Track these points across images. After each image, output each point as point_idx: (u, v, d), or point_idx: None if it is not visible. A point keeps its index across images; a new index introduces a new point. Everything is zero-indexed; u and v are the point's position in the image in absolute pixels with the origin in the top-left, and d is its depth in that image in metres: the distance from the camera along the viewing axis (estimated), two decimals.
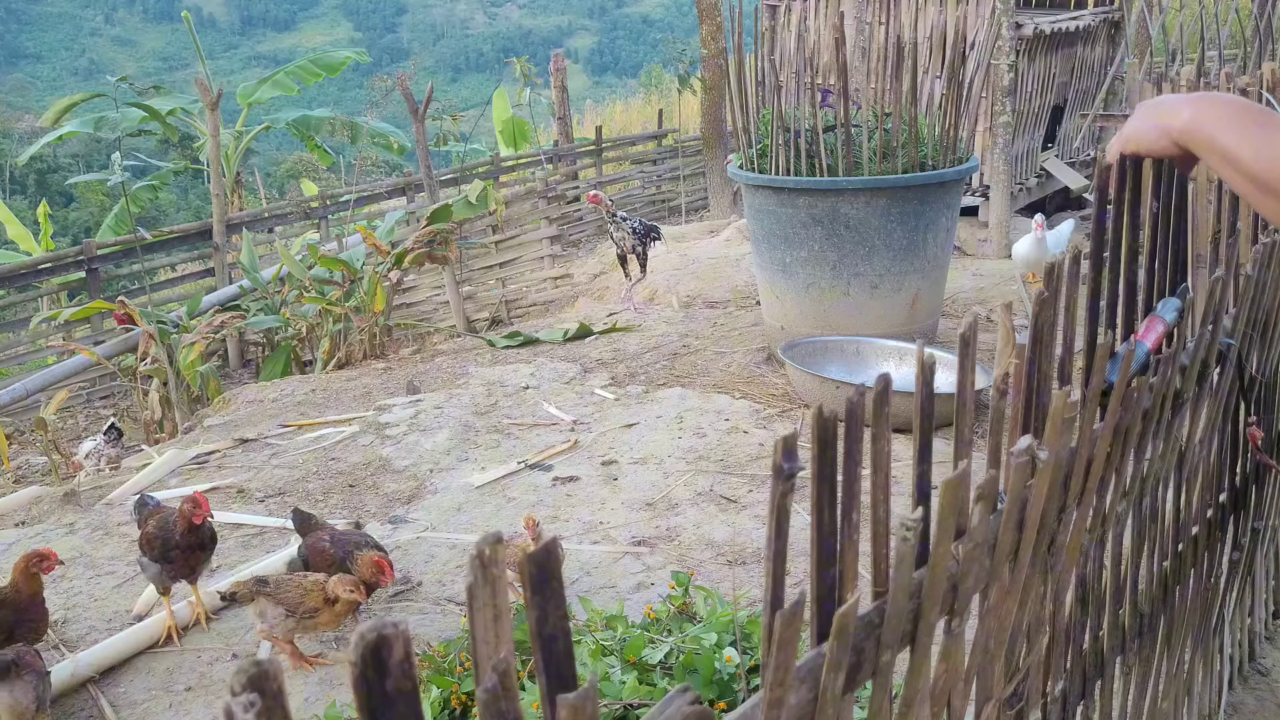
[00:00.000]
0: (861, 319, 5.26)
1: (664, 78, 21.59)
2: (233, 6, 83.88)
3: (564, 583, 0.68)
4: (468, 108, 21.13)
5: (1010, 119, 8.25)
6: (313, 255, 8.56)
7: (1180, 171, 1.56)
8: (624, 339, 6.46)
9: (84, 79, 54.17)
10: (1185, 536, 1.95)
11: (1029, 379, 1.29)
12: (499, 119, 14.67)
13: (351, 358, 7.54)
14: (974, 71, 5.49)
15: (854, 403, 0.96)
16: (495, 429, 4.87)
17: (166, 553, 2.98)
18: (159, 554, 2.99)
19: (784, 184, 5.20)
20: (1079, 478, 1.39)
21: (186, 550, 3.00)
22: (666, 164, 14.69)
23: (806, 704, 0.89)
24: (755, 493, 3.95)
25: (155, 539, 2.99)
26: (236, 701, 0.54)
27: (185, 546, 2.99)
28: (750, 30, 5.66)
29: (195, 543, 3.01)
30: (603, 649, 2.44)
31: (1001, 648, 1.29)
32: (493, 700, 0.63)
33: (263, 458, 4.69)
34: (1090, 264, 1.54)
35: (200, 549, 3.04)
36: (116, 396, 9.12)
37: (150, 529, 3.02)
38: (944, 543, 1.04)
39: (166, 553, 2.98)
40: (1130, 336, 1.58)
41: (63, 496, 4.41)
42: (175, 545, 2.98)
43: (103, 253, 10.19)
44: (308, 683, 2.82)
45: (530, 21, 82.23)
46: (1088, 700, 1.70)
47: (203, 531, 3.03)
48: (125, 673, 2.93)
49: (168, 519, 3.03)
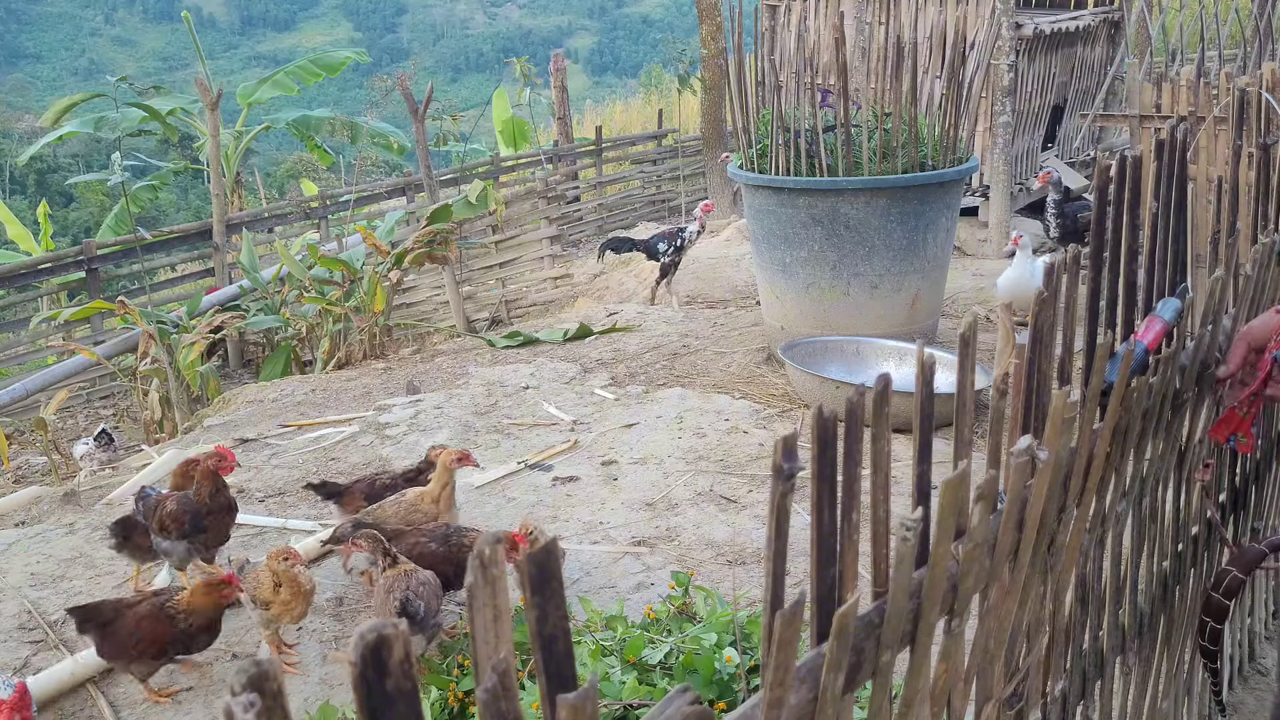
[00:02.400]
0: (861, 319, 5.26)
1: (664, 78, 21.59)
2: (233, 6, 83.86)
3: (564, 583, 0.68)
4: (468, 108, 21.13)
5: (1010, 119, 8.26)
6: (313, 255, 8.56)
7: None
8: (624, 339, 6.46)
9: (84, 79, 54.15)
10: (1185, 536, 1.95)
11: (1029, 379, 1.29)
12: (499, 119, 14.67)
13: (351, 358, 7.54)
14: (974, 71, 5.49)
15: (854, 403, 0.96)
16: (495, 429, 4.87)
17: (199, 522, 3.01)
18: (189, 528, 3.02)
19: (784, 184, 5.20)
20: (1079, 478, 1.39)
21: (218, 514, 3.04)
22: (666, 164, 14.69)
23: (806, 704, 0.89)
24: (755, 493, 3.95)
25: (182, 514, 3.01)
26: (236, 701, 0.54)
27: (216, 510, 3.03)
28: (750, 30, 5.66)
29: (225, 504, 3.06)
30: (603, 649, 2.44)
31: (1001, 648, 1.29)
32: (493, 700, 0.63)
33: (263, 458, 4.69)
34: (1090, 264, 1.54)
35: (230, 510, 3.09)
36: (116, 396, 9.12)
37: (171, 508, 3.04)
38: (944, 543, 1.04)
39: (199, 522, 3.01)
40: (1130, 336, 1.58)
41: (63, 496, 4.41)
42: (207, 512, 3.01)
43: (103, 253, 10.19)
44: (307, 683, 2.82)
45: (530, 21, 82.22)
46: (1088, 700, 1.70)
47: (228, 492, 3.09)
48: (125, 673, 2.93)
49: (185, 496, 3.06)
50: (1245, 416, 1.64)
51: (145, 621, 2.58)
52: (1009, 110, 8.19)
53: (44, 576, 3.52)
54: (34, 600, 3.34)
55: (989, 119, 8.59)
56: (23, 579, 3.50)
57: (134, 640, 2.58)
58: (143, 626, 2.58)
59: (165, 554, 3.10)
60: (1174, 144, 1.73)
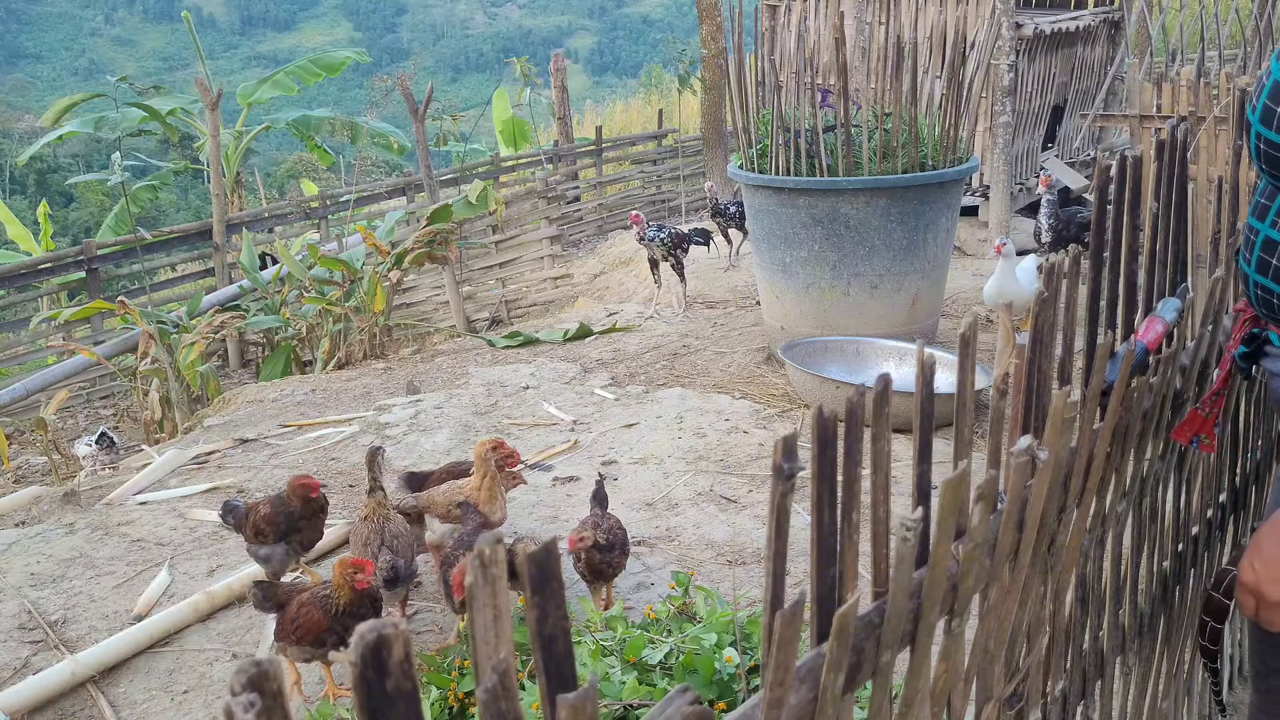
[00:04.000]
0: (861, 319, 5.26)
1: (664, 78, 21.58)
2: (233, 6, 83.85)
3: (564, 583, 0.68)
4: (468, 108, 21.14)
5: (1010, 119, 8.25)
6: (313, 255, 8.56)
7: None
8: (624, 339, 6.46)
9: (84, 79, 54.14)
10: (1185, 536, 1.95)
11: (1029, 379, 1.29)
12: (499, 119, 14.67)
13: (351, 358, 7.54)
14: (974, 71, 5.49)
15: (854, 403, 0.96)
16: (495, 429, 4.87)
17: (294, 524, 3.06)
18: (283, 530, 3.05)
19: (784, 184, 5.20)
20: (1079, 478, 1.39)
21: (311, 517, 3.11)
22: (666, 164, 14.69)
23: (806, 704, 0.89)
24: (755, 493, 3.95)
25: (277, 517, 3.05)
26: (236, 701, 0.54)
27: (309, 514, 3.10)
28: (750, 30, 5.66)
29: (317, 507, 3.13)
30: (603, 649, 2.44)
31: (1001, 648, 1.29)
32: (493, 700, 0.63)
33: (263, 458, 4.69)
34: (1090, 264, 1.55)
35: (322, 511, 3.16)
36: (116, 396, 9.12)
37: (265, 512, 3.06)
38: (944, 543, 1.04)
39: (294, 524, 3.06)
40: (1130, 336, 1.58)
41: (63, 496, 4.41)
42: (300, 515, 3.07)
43: (103, 253, 10.19)
44: (307, 683, 2.82)
45: (530, 21, 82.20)
46: (1088, 700, 1.70)
47: (319, 498, 3.15)
48: (125, 673, 2.93)
49: (280, 498, 3.11)
50: (1208, 416, 1.63)
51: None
52: (1009, 110, 8.18)
53: (44, 576, 3.52)
54: (34, 600, 3.34)
55: (989, 119, 8.58)
56: (23, 579, 3.50)
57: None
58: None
59: (264, 561, 3.10)
60: (1174, 144, 1.73)
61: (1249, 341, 1.53)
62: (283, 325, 8.25)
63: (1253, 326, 1.53)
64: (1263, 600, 1.35)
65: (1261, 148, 1.35)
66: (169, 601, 3.30)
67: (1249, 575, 1.36)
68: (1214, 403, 1.63)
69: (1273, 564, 1.33)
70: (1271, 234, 1.39)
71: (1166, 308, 1.63)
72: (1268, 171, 1.37)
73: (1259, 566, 1.35)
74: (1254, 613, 1.39)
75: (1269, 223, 1.40)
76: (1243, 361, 1.55)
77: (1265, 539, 1.36)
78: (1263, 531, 1.38)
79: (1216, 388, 1.62)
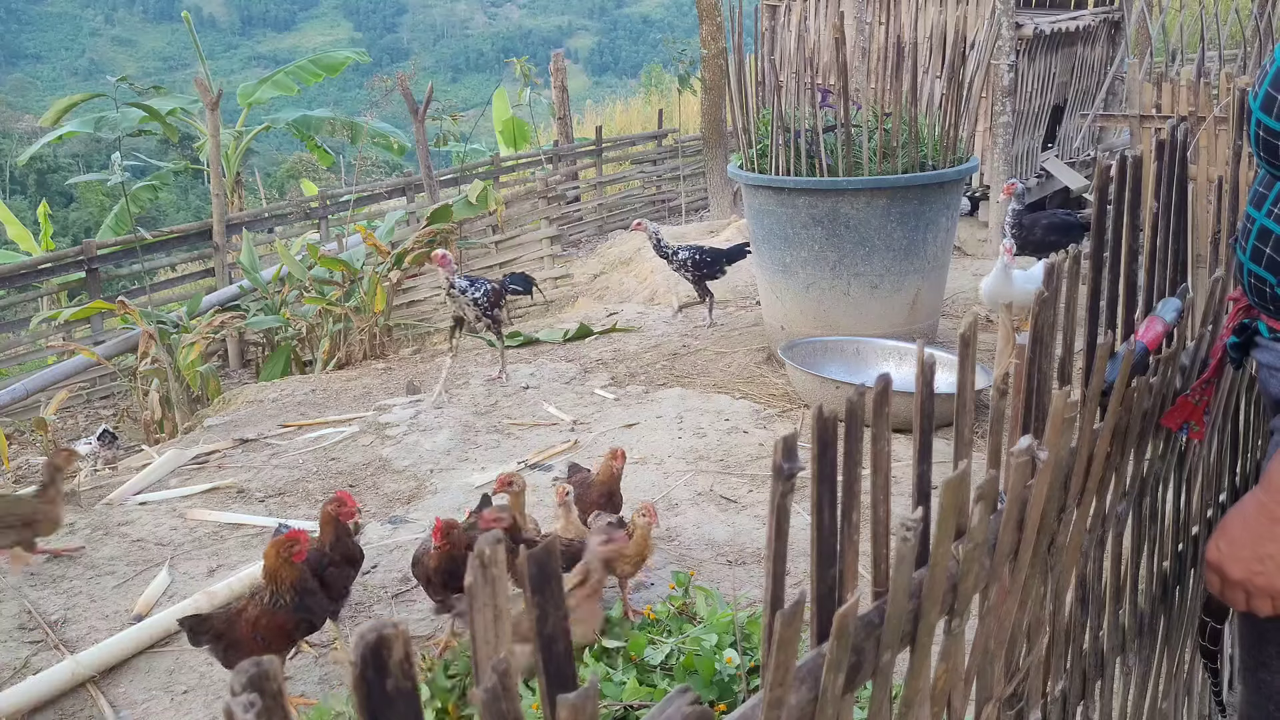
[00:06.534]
0: (861, 319, 5.26)
1: (664, 78, 21.60)
2: (233, 6, 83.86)
3: (564, 583, 0.68)
4: (468, 108, 21.15)
5: (1010, 119, 8.25)
6: (313, 255, 8.56)
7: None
8: (624, 339, 6.46)
9: (84, 79, 54.19)
10: (1185, 536, 1.95)
11: (1029, 379, 1.29)
12: (499, 119, 14.68)
13: (351, 358, 7.54)
14: (974, 71, 5.49)
15: (854, 403, 0.96)
16: (495, 429, 4.87)
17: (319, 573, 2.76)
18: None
19: (784, 184, 5.20)
20: (1079, 478, 1.39)
21: (338, 565, 2.82)
22: (666, 164, 14.70)
23: (806, 704, 0.89)
24: (755, 493, 3.95)
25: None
26: (236, 701, 0.54)
27: (335, 562, 2.82)
28: (750, 30, 5.66)
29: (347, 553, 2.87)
30: (603, 649, 2.44)
31: (1001, 648, 1.29)
32: (493, 700, 0.63)
33: (263, 458, 4.69)
34: (1090, 264, 1.55)
35: (353, 562, 2.89)
36: (116, 396, 9.12)
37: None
38: (944, 543, 1.04)
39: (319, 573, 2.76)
40: (1130, 336, 1.58)
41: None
42: (329, 563, 2.79)
43: (103, 253, 10.19)
44: (307, 682, 2.82)
45: (530, 21, 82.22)
46: (1088, 700, 1.70)
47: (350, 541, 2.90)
48: (125, 673, 2.93)
49: None
50: (1198, 404, 1.64)
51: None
52: (1009, 110, 8.18)
53: (44, 576, 3.53)
54: (34, 600, 3.35)
55: (989, 119, 8.59)
56: (23, 579, 3.50)
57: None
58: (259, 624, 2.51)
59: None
60: (1174, 144, 1.73)
61: (1240, 331, 1.53)
62: (283, 325, 8.25)
63: (1244, 316, 1.52)
64: (1225, 578, 1.39)
65: (1261, 135, 1.35)
66: (169, 601, 3.29)
67: (1214, 554, 1.40)
68: (1204, 390, 1.63)
69: (1235, 543, 1.37)
70: (1267, 223, 1.39)
71: (1166, 308, 1.63)
72: (1266, 160, 1.37)
73: (1223, 546, 1.39)
74: (1219, 590, 1.42)
75: (1265, 212, 1.40)
76: (1234, 352, 1.55)
77: (1231, 521, 1.40)
78: (1230, 513, 1.41)
79: (1207, 375, 1.62)
